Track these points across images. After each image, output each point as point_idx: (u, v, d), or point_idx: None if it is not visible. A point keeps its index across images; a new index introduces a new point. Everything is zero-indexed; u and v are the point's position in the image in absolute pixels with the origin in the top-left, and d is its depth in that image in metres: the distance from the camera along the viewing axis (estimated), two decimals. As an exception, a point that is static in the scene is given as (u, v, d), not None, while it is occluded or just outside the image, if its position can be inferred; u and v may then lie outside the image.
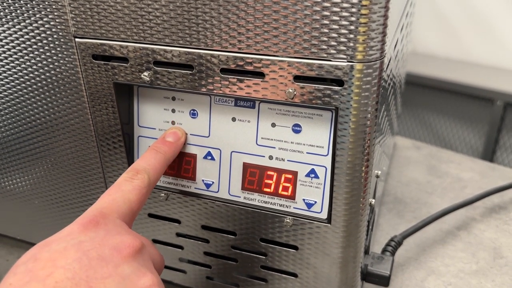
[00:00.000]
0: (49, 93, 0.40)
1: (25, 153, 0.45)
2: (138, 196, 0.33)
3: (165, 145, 0.37)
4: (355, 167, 0.34)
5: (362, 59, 0.30)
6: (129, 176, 0.34)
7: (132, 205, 0.32)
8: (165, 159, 0.36)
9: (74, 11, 0.36)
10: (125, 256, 0.28)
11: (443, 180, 0.68)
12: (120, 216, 0.31)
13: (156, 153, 0.36)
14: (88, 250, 0.27)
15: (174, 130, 0.39)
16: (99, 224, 0.30)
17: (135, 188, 0.33)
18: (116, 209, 0.31)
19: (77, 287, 0.26)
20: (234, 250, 0.42)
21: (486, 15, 1.28)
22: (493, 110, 1.22)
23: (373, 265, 0.44)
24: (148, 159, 0.35)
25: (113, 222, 0.30)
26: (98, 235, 0.29)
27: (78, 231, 0.29)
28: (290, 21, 0.31)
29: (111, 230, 0.30)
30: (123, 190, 0.33)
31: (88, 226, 0.29)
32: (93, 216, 0.30)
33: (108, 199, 0.32)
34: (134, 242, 0.29)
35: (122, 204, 0.32)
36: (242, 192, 0.39)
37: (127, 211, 0.32)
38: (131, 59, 0.36)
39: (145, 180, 0.34)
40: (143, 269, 0.29)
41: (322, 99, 0.33)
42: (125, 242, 0.29)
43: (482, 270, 0.51)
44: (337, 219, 0.37)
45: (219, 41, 0.33)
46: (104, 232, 0.29)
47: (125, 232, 0.30)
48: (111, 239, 0.29)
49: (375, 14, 0.29)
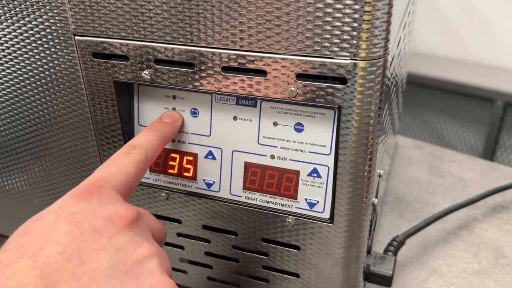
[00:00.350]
0: (48, 92, 0.40)
1: (24, 152, 0.44)
2: (135, 169, 0.32)
3: (162, 125, 0.37)
4: (358, 167, 0.34)
5: (365, 56, 0.30)
6: (126, 151, 0.33)
7: (129, 178, 0.31)
8: (162, 137, 0.36)
9: (73, 9, 0.35)
10: (119, 226, 0.27)
11: (445, 180, 0.68)
12: (116, 187, 0.30)
13: (153, 131, 0.35)
14: (80, 222, 0.26)
15: (171, 112, 0.38)
16: (93, 195, 0.28)
17: (132, 161, 0.32)
18: (112, 181, 0.30)
19: (69, 261, 0.24)
20: (235, 250, 0.41)
21: (486, 14, 1.28)
22: (493, 110, 1.22)
23: (376, 265, 0.44)
24: (145, 136, 0.35)
25: (108, 193, 0.29)
26: (91, 206, 0.28)
27: (70, 203, 0.28)
28: (292, 18, 0.30)
29: (105, 201, 0.28)
30: (120, 163, 0.32)
31: (81, 197, 0.28)
32: (87, 186, 0.29)
33: (103, 170, 0.31)
34: (129, 211, 0.28)
35: (118, 176, 0.31)
36: (243, 191, 0.39)
37: (123, 183, 0.31)
38: (131, 57, 0.36)
39: (142, 154, 0.33)
40: (139, 239, 0.27)
41: (325, 97, 0.32)
42: (119, 212, 0.28)
43: (484, 270, 0.51)
44: (340, 219, 0.36)
45: (221, 39, 0.33)
46: (97, 203, 0.28)
47: (119, 203, 0.29)
48: (105, 210, 0.28)
49: (379, 11, 0.29)
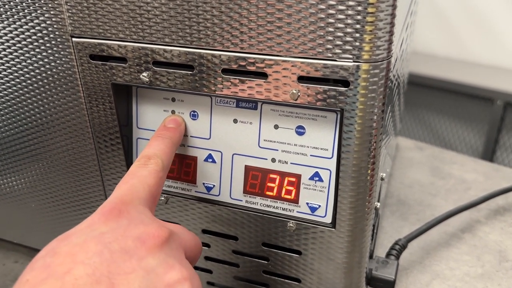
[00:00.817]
0: (45, 94, 0.39)
1: (21, 155, 0.43)
2: (156, 179, 0.31)
3: (168, 131, 0.36)
4: (361, 170, 0.33)
5: (368, 59, 0.30)
6: (142, 163, 0.32)
7: (152, 189, 0.31)
8: (172, 143, 0.35)
9: (70, 10, 0.35)
10: (149, 247, 0.26)
11: (447, 182, 0.67)
12: (142, 202, 0.29)
13: (162, 138, 0.35)
14: (110, 242, 0.25)
15: (174, 117, 0.38)
16: (121, 213, 0.27)
17: (151, 172, 0.31)
18: (137, 195, 0.29)
19: (98, 284, 0.23)
20: (235, 254, 0.41)
21: (486, 14, 1.27)
22: (493, 109, 1.21)
23: (378, 269, 0.43)
24: (156, 145, 0.34)
25: (136, 209, 0.28)
26: (121, 225, 0.27)
27: (99, 222, 0.27)
28: (294, 19, 0.30)
29: (134, 219, 0.27)
30: (140, 176, 0.31)
31: (109, 216, 0.27)
32: (114, 204, 0.28)
33: (126, 186, 0.30)
34: (160, 231, 0.27)
35: (141, 189, 0.30)
36: (244, 195, 0.38)
37: (148, 196, 0.30)
38: (129, 59, 0.35)
39: (159, 163, 0.32)
40: (170, 260, 0.26)
41: (327, 100, 0.32)
42: (149, 232, 0.27)
43: (487, 273, 0.50)
44: (342, 223, 0.36)
45: (221, 41, 0.32)
46: (126, 222, 0.27)
47: (149, 221, 0.28)
48: (134, 229, 0.27)
49: (383, 13, 0.28)
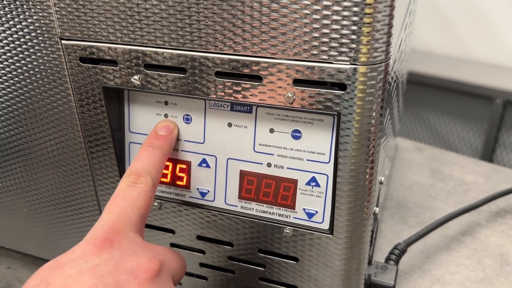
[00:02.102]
0: (35, 98, 0.38)
1: (11, 160, 0.42)
2: (145, 201, 0.31)
3: (159, 139, 0.35)
4: (359, 175, 0.33)
5: (366, 61, 0.29)
6: (131, 181, 0.32)
7: (142, 212, 0.31)
8: (163, 155, 0.34)
9: (59, 12, 0.34)
10: (142, 281, 0.27)
11: (447, 184, 0.66)
12: (133, 228, 0.30)
13: (152, 149, 0.34)
14: (103, 276, 0.26)
15: (166, 123, 0.36)
16: (113, 243, 0.28)
17: (140, 194, 0.31)
18: (128, 221, 0.30)
19: None
20: (231, 261, 0.40)
21: (486, 12, 1.26)
22: (493, 108, 1.21)
23: (377, 275, 0.42)
24: (146, 159, 0.33)
25: (127, 238, 0.29)
26: (113, 257, 0.27)
27: (92, 253, 0.27)
28: (289, 21, 0.29)
29: (126, 249, 0.28)
30: (130, 198, 0.31)
31: (102, 246, 0.28)
32: (106, 234, 0.28)
33: (116, 210, 0.30)
34: (151, 265, 0.28)
35: (132, 214, 0.30)
36: (239, 201, 0.37)
37: (138, 220, 0.30)
38: (120, 62, 0.34)
39: (149, 183, 0.32)
40: None
41: (324, 103, 0.31)
42: (141, 265, 0.27)
43: (488, 278, 0.49)
44: (340, 229, 0.35)
45: (214, 43, 0.31)
46: (119, 253, 0.28)
47: (140, 251, 0.28)
48: (127, 262, 0.27)
49: (380, 13, 0.27)
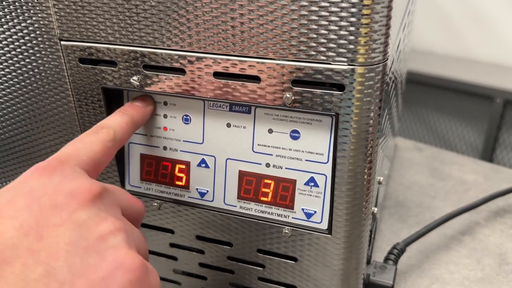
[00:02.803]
0: (35, 99, 0.38)
1: (11, 161, 0.43)
2: (102, 147, 0.30)
3: (132, 108, 0.35)
4: (357, 175, 0.33)
5: (364, 62, 0.29)
6: (93, 130, 0.31)
7: (96, 156, 0.30)
8: (132, 121, 0.34)
9: (58, 13, 0.34)
10: (81, 201, 0.25)
11: (446, 183, 0.66)
12: (81, 164, 0.28)
13: (123, 114, 0.34)
14: (40, 197, 0.25)
15: (143, 97, 0.37)
16: (55, 170, 0.27)
17: (99, 140, 0.31)
18: (77, 157, 0.29)
19: (26, 236, 0.23)
20: (230, 261, 0.40)
21: (486, 11, 1.26)
22: (493, 107, 1.21)
23: (376, 274, 0.42)
24: (114, 118, 0.33)
25: (72, 169, 0.27)
26: (53, 181, 0.26)
27: (32, 178, 0.26)
28: (286, 22, 0.29)
29: (68, 176, 0.27)
30: (86, 141, 0.30)
31: (43, 172, 0.26)
32: (49, 162, 0.27)
33: (68, 147, 0.29)
34: (93, 186, 0.26)
35: (83, 153, 0.29)
36: (238, 201, 0.37)
37: (88, 161, 0.29)
38: (119, 62, 0.34)
39: (110, 133, 0.31)
40: (102, 214, 0.26)
41: (322, 104, 0.31)
42: (82, 187, 0.26)
43: (488, 277, 0.49)
44: (338, 229, 0.35)
45: (212, 44, 0.31)
46: (59, 178, 0.26)
47: (83, 178, 0.27)
48: (67, 185, 0.26)
49: (378, 14, 0.27)
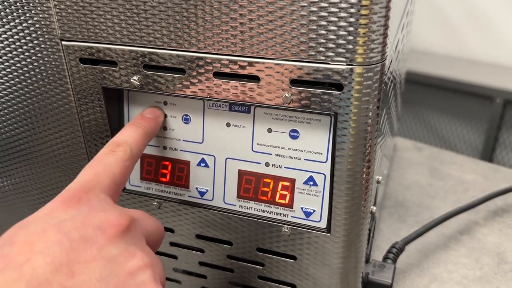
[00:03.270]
0: (36, 98, 0.39)
1: (12, 159, 0.43)
2: (121, 168, 0.31)
3: (144, 120, 0.35)
4: (356, 174, 0.33)
5: (362, 62, 0.29)
6: (110, 149, 0.31)
7: (116, 178, 0.30)
8: (145, 133, 0.34)
9: (59, 13, 0.34)
10: (110, 235, 0.26)
11: (445, 183, 0.66)
12: (104, 189, 0.29)
13: (136, 127, 0.34)
14: (69, 231, 0.25)
15: (153, 108, 0.37)
16: (81, 200, 0.27)
17: (117, 160, 0.31)
18: (100, 183, 0.29)
19: (58, 272, 0.23)
20: (230, 260, 0.40)
21: (485, 11, 1.27)
22: (493, 107, 1.21)
23: (374, 273, 0.42)
24: (128, 132, 0.33)
25: (97, 197, 0.28)
26: (80, 213, 0.26)
27: (58, 209, 0.26)
28: (285, 22, 0.29)
29: (95, 206, 0.27)
30: (105, 163, 0.30)
31: (69, 203, 0.26)
32: (74, 192, 0.27)
33: (89, 172, 0.29)
34: (120, 219, 0.27)
35: (105, 177, 0.29)
36: (237, 200, 0.38)
37: (111, 184, 0.29)
38: (120, 62, 0.34)
39: (127, 152, 0.32)
40: (131, 248, 0.26)
41: (321, 104, 0.31)
42: (110, 220, 0.26)
43: (486, 276, 0.50)
44: (337, 228, 0.35)
45: (212, 44, 0.31)
46: (87, 209, 0.26)
47: (110, 208, 0.27)
48: (95, 217, 0.26)
49: (376, 15, 0.28)
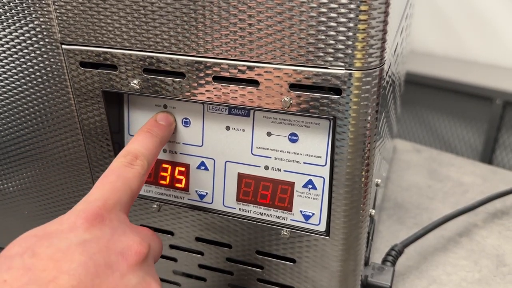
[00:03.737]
0: (37, 101, 0.39)
1: (12, 162, 0.43)
2: (138, 183, 0.31)
3: (159, 128, 0.35)
4: (354, 178, 0.33)
5: (361, 66, 0.29)
6: (128, 162, 0.32)
7: (133, 193, 0.31)
8: (160, 143, 0.34)
9: (60, 17, 0.34)
10: (131, 264, 0.27)
11: (444, 185, 0.67)
12: (122, 207, 0.30)
13: (151, 136, 0.34)
14: (94, 253, 0.26)
15: (166, 114, 0.37)
16: (104, 220, 0.28)
17: (135, 175, 0.31)
18: (119, 200, 0.29)
19: None
20: (229, 262, 0.40)
21: (485, 12, 1.27)
22: (492, 108, 1.21)
23: (374, 276, 0.43)
24: (145, 142, 0.33)
25: (118, 218, 0.29)
26: (104, 235, 0.27)
27: (82, 227, 0.27)
28: (285, 27, 0.29)
29: (117, 229, 0.28)
30: (125, 177, 0.30)
31: (93, 222, 0.27)
32: (98, 209, 0.28)
33: (109, 187, 0.30)
34: (141, 248, 0.28)
35: (124, 193, 0.30)
36: (237, 203, 0.38)
37: (128, 201, 0.30)
38: (120, 66, 0.35)
39: (145, 166, 0.32)
40: (148, 278, 0.28)
41: (319, 108, 0.31)
42: (131, 247, 0.28)
43: (485, 278, 0.50)
44: (336, 231, 0.35)
45: (212, 48, 0.32)
46: (110, 231, 0.27)
47: (129, 233, 0.28)
48: (117, 242, 0.27)
49: (374, 20, 0.28)
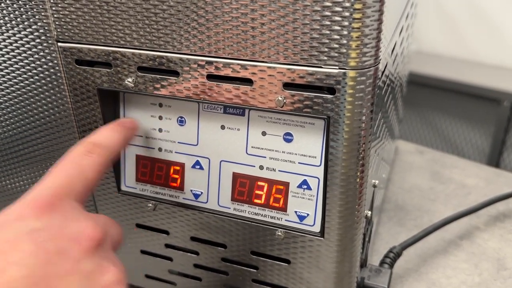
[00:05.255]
0: (33, 99, 0.39)
1: (8, 161, 0.43)
2: (95, 173, 0.30)
3: (122, 127, 0.34)
4: (349, 179, 0.33)
5: (355, 66, 0.29)
6: (86, 150, 0.30)
7: (89, 183, 0.29)
8: (124, 140, 0.34)
9: (56, 15, 0.34)
10: (85, 249, 0.25)
11: (447, 187, 0.66)
12: (76, 196, 0.28)
13: (114, 131, 0.33)
14: (44, 241, 0.24)
15: (131, 119, 0.37)
16: (55, 207, 0.26)
17: (93, 164, 0.30)
18: (73, 189, 0.28)
19: (36, 286, 0.23)
20: (224, 262, 0.40)
21: (492, 14, 1.25)
22: (500, 110, 1.20)
23: (370, 278, 0.42)
24: (107, 134, 0.32)
25: (70, 205, 0.27)
26: (54, 222, 0.26)
27: (31, 216, 0.25)
28: (278, 25, 0.29)
29: (68, 215, 0.26)
30: (80, 165, 0.29)
31: (42, 209, 0.26)
32: (49, 197, 0.26)
33: (63, 175, 0.28)
34: (95, 233, 0.26)
35: (78, 182, 0.28)
36: (232, 203, 0.37)
37: (83, 190, 0.29)
38: (114, 64, 0.34)
39: (103, 155, 0.31)
40: (105, 263, 0.26)
41: (313, 107, 0.31)
42: (84, 232, 0.26)
43: (485, 282, 0.49)
44: (331, 232, 0.35)
45: (205, 47, 0.31)
46: (60, 218, 0.26)
47: (83, 218, 0.27)
48: (69, 228, 0.26)
49: (369, 19, 0.27)
